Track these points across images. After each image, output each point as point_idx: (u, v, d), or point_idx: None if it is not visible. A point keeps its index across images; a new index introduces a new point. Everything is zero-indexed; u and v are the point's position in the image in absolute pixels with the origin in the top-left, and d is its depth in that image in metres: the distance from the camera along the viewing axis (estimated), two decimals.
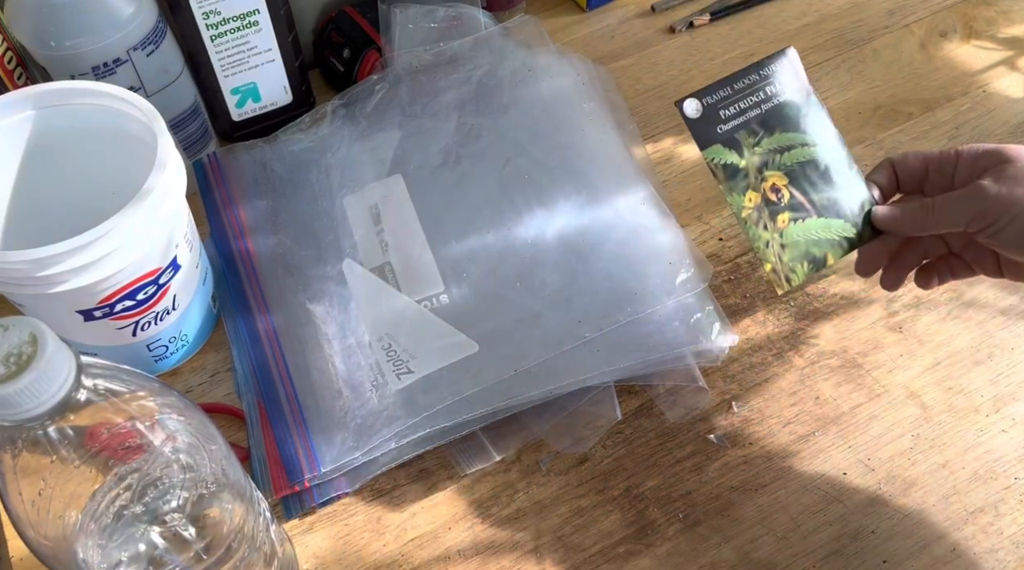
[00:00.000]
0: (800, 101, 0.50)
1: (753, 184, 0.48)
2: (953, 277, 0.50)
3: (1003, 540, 0.51)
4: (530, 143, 0.64)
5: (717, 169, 0.48)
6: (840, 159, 0.50)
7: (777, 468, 0.54)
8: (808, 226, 0.49)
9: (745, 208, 0.48)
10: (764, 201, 0.48)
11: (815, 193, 0.49)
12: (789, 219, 0.49)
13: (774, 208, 0.49)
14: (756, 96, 0.49)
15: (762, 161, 0.49)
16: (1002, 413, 0.55)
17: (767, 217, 0.48)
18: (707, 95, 0.48)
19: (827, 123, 0.50)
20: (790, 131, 0.49)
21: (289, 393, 0.56)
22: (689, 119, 0.48)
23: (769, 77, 0.49)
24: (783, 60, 0.50)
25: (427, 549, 0.51)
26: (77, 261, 0.45)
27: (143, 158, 0.48)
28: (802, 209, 0.49)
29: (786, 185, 0.49)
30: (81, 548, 0.34)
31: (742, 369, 0.58)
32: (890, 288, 0.51)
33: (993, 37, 0.76)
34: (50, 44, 0.54)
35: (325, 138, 0.66)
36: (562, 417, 0.54)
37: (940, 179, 0.48)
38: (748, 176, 0.48)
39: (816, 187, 0.49)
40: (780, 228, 0.49)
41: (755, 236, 0.48)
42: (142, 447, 0.34)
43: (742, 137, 0.48)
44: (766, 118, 0.49)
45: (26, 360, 0.28)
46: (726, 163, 0.48)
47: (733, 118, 0.48)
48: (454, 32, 0.68)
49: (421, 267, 0.59)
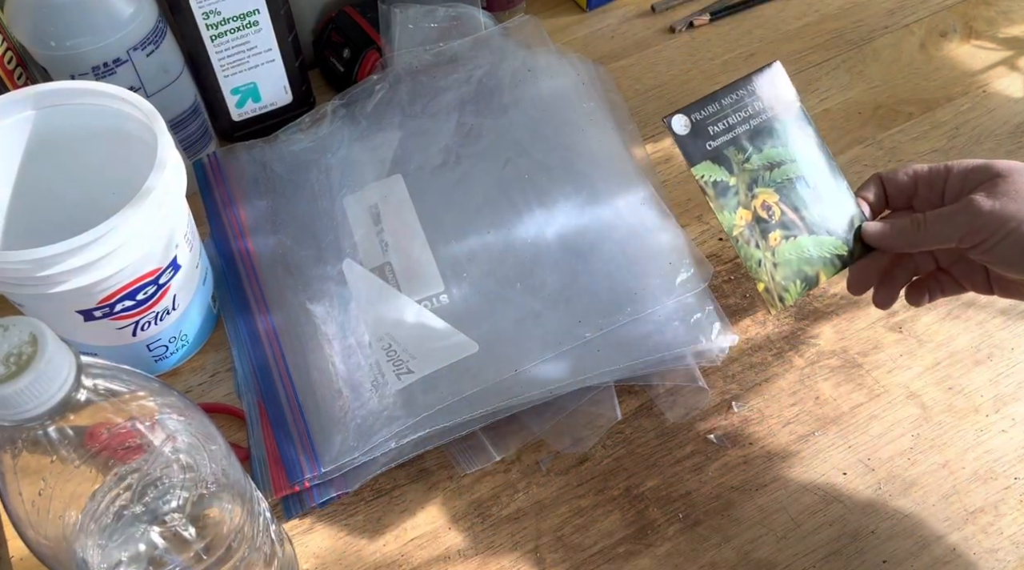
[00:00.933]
0: (788, 116, 0.49)
1: (744, 201, 0.47)
2: (943, 294, 0.50)
3: (1003, 540, 0.51)
4: (530, 143, 0.64)
5: (707, 186, 0.47)
6: (829, 174, 0.49)
7: (777, 468, 0.54)
8: (800, 244, 0.48)
9: (736, 226, 0.47)
10: (755, 219, 0.47)
11: (805, 210, 0.49)
12: (781, 237, 0.48)
13: (765, 226, 0.48)
14: (744, 111, 0.48)
15: (752, 178, 0.48)
16: (1002, 413, 0.55)
17: (759, 235, 0.47)
18: (695, 111, 0.47)
19: (815, 138, 0.50)
20: (779, 147, 0.48)
21: (289, 393, 0.56)
22: (678, 135, 0.47)
23: (756, 92, 0.48)
24: (769, 74, 0.49)
25: (427, 549, 0.51)
26: (77, 261, 0.45)
27: (143, 158, 0.48)
28: (793, 226, 0.48)
29: (776, 202, 0.48)
30: (81, 548, 0.34)
31: (742, 369, 0.58)
32: (882, 306, 0.51)
33: (993, 37, 0.76)
34: (50, 44, 0.54)
35: (325, 138, 0.66)
36: (562, 417, 0.54)
37: (930, 194, 0.47)
38: (739, 193, 0.47)
39: (806, 204, 0.48)
40: (772, 246, 0.48)
41: (747, 255, 0.47)
42: (142, 447, 0.34)
43: (731, 153, 0.47)
44: (755, 134, 0.48)
45: (26, 360, 0.28)
46: (716, 181, 0.47)
47: (722, 134, 0.47)
48: (454, 32, 0.68)
49: (421, 267, 0.59)
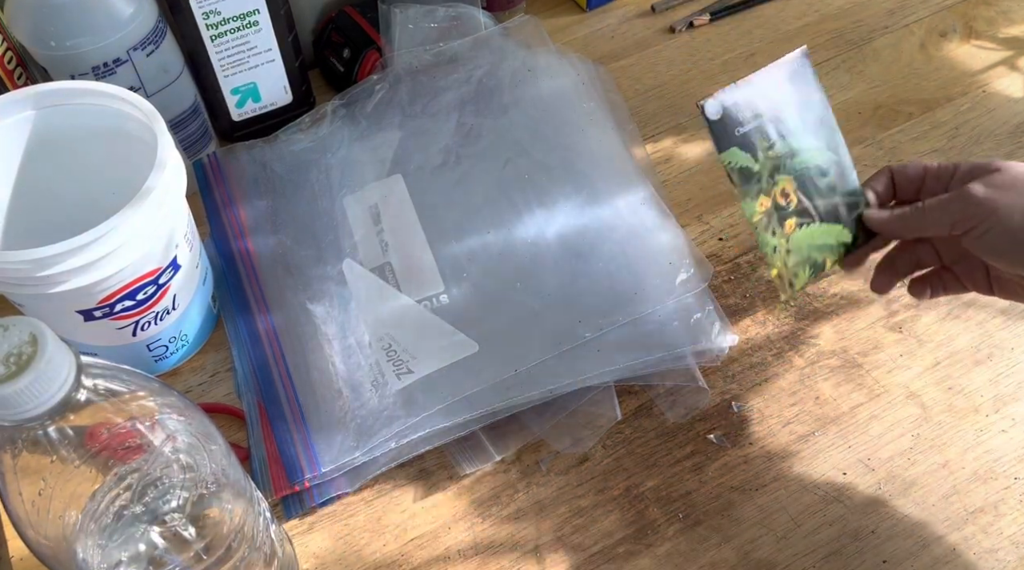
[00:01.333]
0: (811, 104, 0.49)
1: (765, 189, 0.48)
2: (945, 292, 0.51)
3: (1003, 540, 0.51)
4: (530, 143, 0.64)
5: (733, 173, 0.47)
6: (843, 164, 0.50)
7: (777, 468, 0.54)
8: (811, 232, 0.49)
9: (757, 213, 0.48)
10: (774, 206, 0.48)
11: (819, 198, 0.49)
12: (795, 224, 0.49)
13: (783, 213, 0.48)
14: (770, 99, 0.48)
15: (774, 165, 0.48)
16: (1002, 413, 0.55)
17: (776, 222, 0.48)
18: (726, 97, 0.47)
19: (834, 127, 0.50)
20: (800, 135, 0.49)
21: (289, 393, 0.56)
22: (711, 121, 0.47)
23: (782, 80, 0.49)
24: (796, 62, 0.49)
25: (427, 549, 0.51)
26: (77, 261, 0.45)
27: (143, 158, 0.48)
28: (806, 214, 0.49)
29: (795, 190, 0.49)
30: (81, 548, 0.34)
31: (742, 369, 0.58)
32: (880, 291, 0.52)
33: (993, 37, 0.76)
34: (50, 44, 0.54)
35: (325, 138, 0.66)
36: (562, 417, 0.54)
37: (936, 187, 0.48)
38: (761, 181, 0.48)
39: (820, 192, 0.49)
40: (787, 233, 0.49)
41: (764, 242, 0.48)
42: (142, 447, 0.34)
43: (757, 141, 0.48)
44: (779, 121, 0.48)
45: (26, 360, 0.28)
46: (742, 167, 0.47)
47: (750, 121, 0.47)
48: (454, 32, 0.68)
49: (421, 267, 0.59)
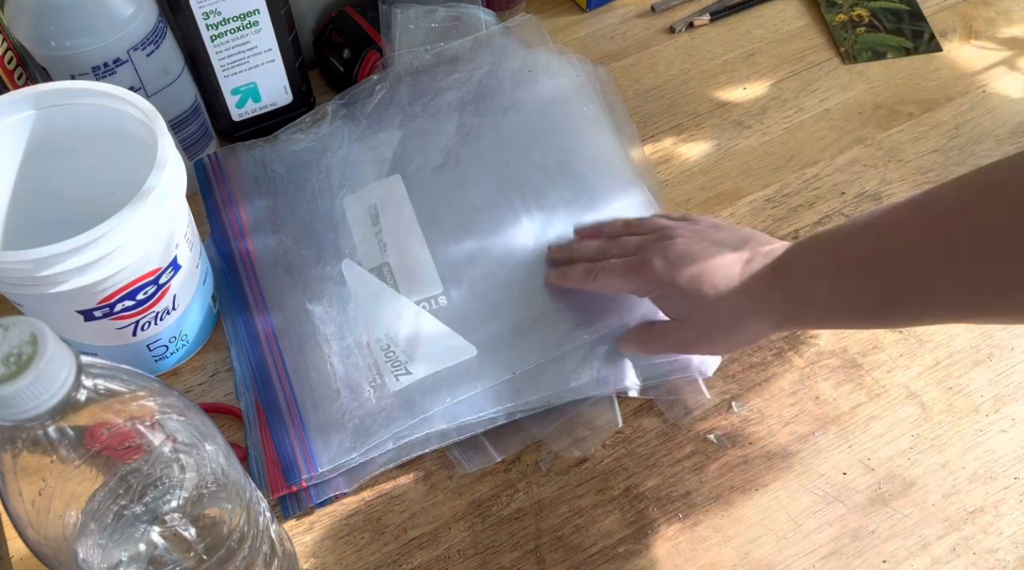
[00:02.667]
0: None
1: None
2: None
3: (1003, 540, 0.51)
4: (530, 145, 0.64)
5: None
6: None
7: (777, 468, 0.54)
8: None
9: None
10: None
11: None
12: None
13: None
14: None
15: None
16: (1002, 413, 0.55)
17: None
18: None
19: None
20: None
21: (287, 393, 0.56)
22: None
23: None
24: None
25: (427, 549, 0.51)
26: (77, 261, 0.45)
27: (143, 158, 0.48)
28: None
29: None
30: (81, 548, 0.34)
31: (742, 369, 0.58)
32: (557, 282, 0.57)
33: (993, 37, 0.76)
34: (50, 44, 0.54)
35: (325, 138, 0.66)
36: (562, 420, 0.54)
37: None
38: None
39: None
40: None
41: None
42: (142, 447, 0.34)
43: None
44: None
45: (26, 360, 0.28)
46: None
47: None
48: (454, 32, 0.68)
49: (419, 268, 0.59)
